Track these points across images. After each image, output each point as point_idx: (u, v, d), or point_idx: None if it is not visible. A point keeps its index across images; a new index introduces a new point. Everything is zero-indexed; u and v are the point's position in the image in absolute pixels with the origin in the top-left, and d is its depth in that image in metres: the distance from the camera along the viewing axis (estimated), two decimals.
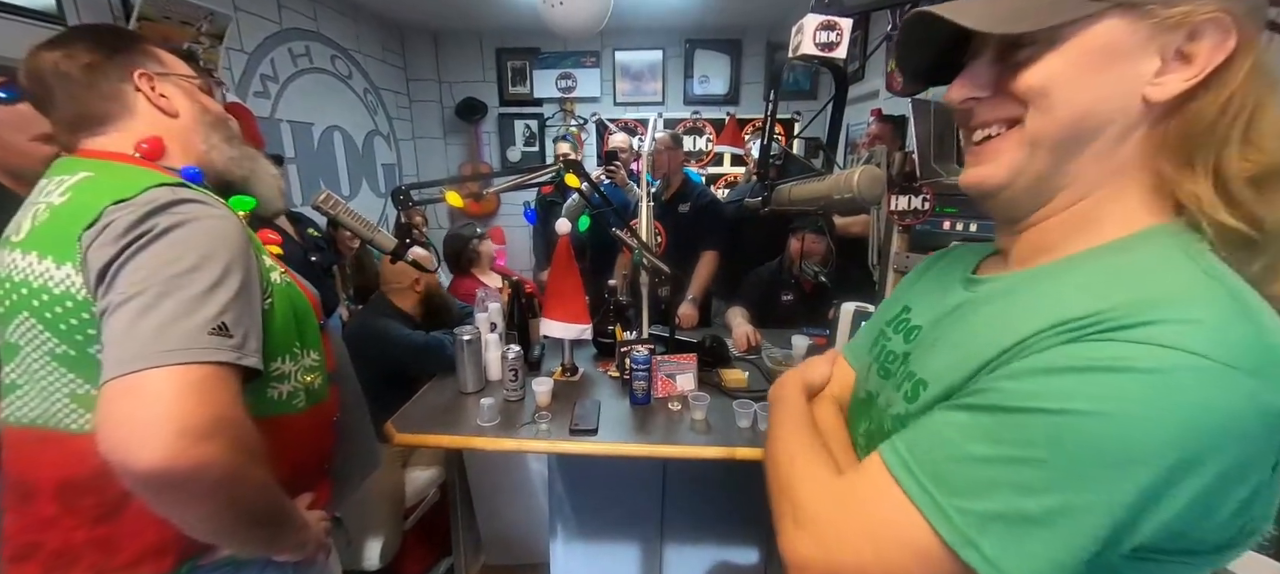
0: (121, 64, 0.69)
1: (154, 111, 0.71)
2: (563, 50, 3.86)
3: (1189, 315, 0.32)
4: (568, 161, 1.28)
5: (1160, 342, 0.31)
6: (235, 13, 2.35)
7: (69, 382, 0.61)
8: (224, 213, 0.64)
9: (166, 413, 0.51)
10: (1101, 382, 0.32)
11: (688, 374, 1.43)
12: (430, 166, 4.13)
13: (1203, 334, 0.31)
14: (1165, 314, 0.32)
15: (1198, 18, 0.35)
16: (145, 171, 0.65)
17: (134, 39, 0.73)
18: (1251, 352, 0.31)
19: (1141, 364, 0.31)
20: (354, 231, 1.08)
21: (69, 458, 0.61)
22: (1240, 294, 0.34)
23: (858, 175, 0.62)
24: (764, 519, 1.57)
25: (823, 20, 0.69)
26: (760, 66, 3.87)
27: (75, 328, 0.59)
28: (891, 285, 1.22)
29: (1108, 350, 0.32)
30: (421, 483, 1.74)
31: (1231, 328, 0.32)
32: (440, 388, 1.49)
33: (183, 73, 0.75)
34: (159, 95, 0.71)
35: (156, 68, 0.72)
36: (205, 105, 0.77)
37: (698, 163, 3.97)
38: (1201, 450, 0.30)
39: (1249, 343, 0.31)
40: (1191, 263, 0.36)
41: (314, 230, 2.20)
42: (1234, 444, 0.31)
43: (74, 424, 0.62)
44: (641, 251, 1.41)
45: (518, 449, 1.22)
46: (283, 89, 2.72)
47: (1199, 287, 0.34)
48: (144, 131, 0.70)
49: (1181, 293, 0.34)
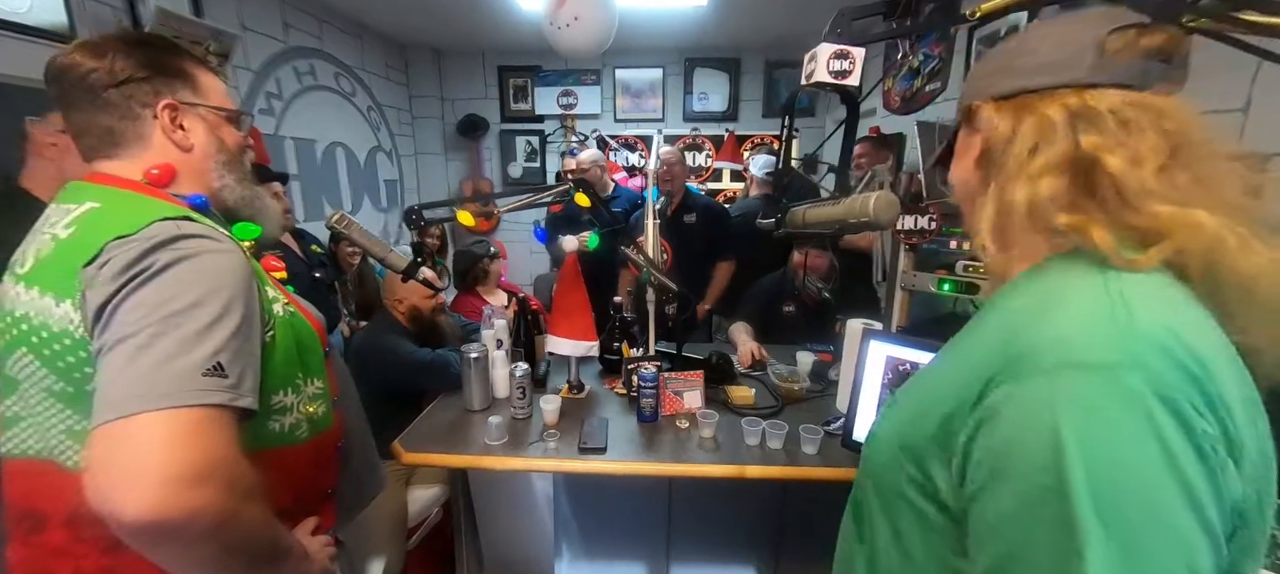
0: (151, 90, 0.67)
1: (168, 143, 0.70)
2: (564, 68, 3.91)
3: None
4: (578, 180, 1.29)
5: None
6: (242, 32, 2.37)
7: (66, 418, 0.60)
8: (228, 246, 0.63)
9: (156, 460, 0.50)
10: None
11: (695, 391, 1.44)
12: (431, 182, 4.15)
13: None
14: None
15: (971, 107, 0.52)
16: (151, 202, 0.64)
17: (175, 60, 0.71)
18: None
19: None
20: (367, 251, 1.09)
21: (73, 490, 0.59)
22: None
23: (874, 201, 0.63)
24: (770, 536, 1.57)
25: (836, 49, 0.71)
26: (758, 84, 3.93)
27: (73, 365, 0.58)
28: (898, 303, 1.23)
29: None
30: (424, 502, 1.72)
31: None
32: (446, 406, 1.48)
33: (213, 105, 0.74)
34: (176, 128, 0.70)
35: (188, 96, 0.71)
36: (224, 141, 0.75)
37: (697, 178, 4.01)
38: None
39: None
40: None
41: (317, 247, 2.20)
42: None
43: (71, 460, 0.61)
44: (649, 270, 1.42)
45: (527, 468, 1.22)
46: (287, 106, 2.74)
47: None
48: (155, 160, 0.69)
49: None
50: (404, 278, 1.15)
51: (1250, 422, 0.36)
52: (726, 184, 4.01)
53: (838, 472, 1.18)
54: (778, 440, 1.25)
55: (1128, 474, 0.32)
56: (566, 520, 1.62)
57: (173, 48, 0.72)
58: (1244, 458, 0.35)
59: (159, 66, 0.68)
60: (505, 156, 4.09)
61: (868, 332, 1.14)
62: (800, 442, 1.24)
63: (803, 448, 1.23)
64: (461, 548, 1.65)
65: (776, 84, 3.93)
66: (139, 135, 0.68)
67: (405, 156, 3.92)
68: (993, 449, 0.37)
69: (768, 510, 1.55)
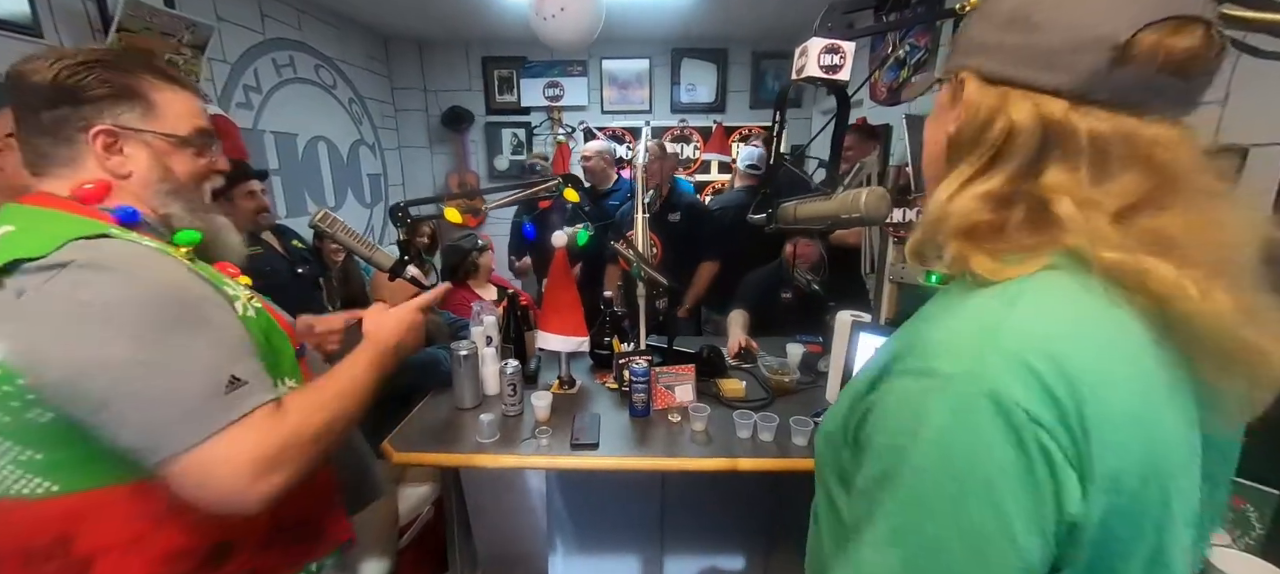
0: (89, 114, 0.63)
1: (100, 170, 0.65)
2: (550, 59, 3.86)
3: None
4: (566, 176, 1.28)
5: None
6: (217, 22, 2.31)
7: (9, 450, 0.58)
8: (151, 257, 0.60)
9: (231, 472, 0.58)
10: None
11: (686, 385, 1.44)
12: (416, 176, 4.09)
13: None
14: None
15: (958, 76, 0.45)
16: (67, 219, 0.60)
17: (130, 80, 0.66)
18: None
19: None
20: (352, 249, 1.07)
21: (25, 525, 0.59)
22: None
23: (865, 197, 0.63)
24: (762, 528, 1.59)
25: (827, 43, 0.71)
26: (746, 75, 3.92)
27: (9, 395, 0.55)
28: (887, 296, 1.24)
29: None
30: (416, 500, 1.71)
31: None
32: (436, 404, 1.47)
33: (164, 132, 0.68)
34: (113, 154, 0.65)
35: (134, 121, 0.66)
36: (171, 169, 0.69)
37: (686, 170, 4.00)
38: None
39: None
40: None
41: (298, 242, 2.16)
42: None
43: (25, 490, 0.58)
44: (639, 264, 1.42)
45: (519, 466, 1.21)
46: (266, 99, 2.67)
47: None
48: (87, 180, 0.65)
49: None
50: (391, 276, 1.13)
51: (1128, 443, 0.36)
52: (714, 176, 4.01)
53: None
54: (769, 432, 1.26)
55: (945, 468, 0.36)
56: (560, 515, 1.62)
57: (132, 65, 0.67)
58: (1095, 478, 0.35)
59: (107, 87, 0.64)
60: (491, 149, 4.05)
61: (856, 324, 1.15)
62: (791, 433, 1.25)
63: (793, 439, 1.24)
64: (454, 546, 1.64)
65: (764, 75, 3.92)
66: (71, 158, 0.65)
67: (389, 150, 3.85)
68: (867, 431, 0.42)
69: (760, 501, 1.56)
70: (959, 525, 0.35)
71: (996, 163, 0.41)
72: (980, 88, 0.42)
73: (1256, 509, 0.91)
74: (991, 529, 0.35)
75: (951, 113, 0.45)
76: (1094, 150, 0.38)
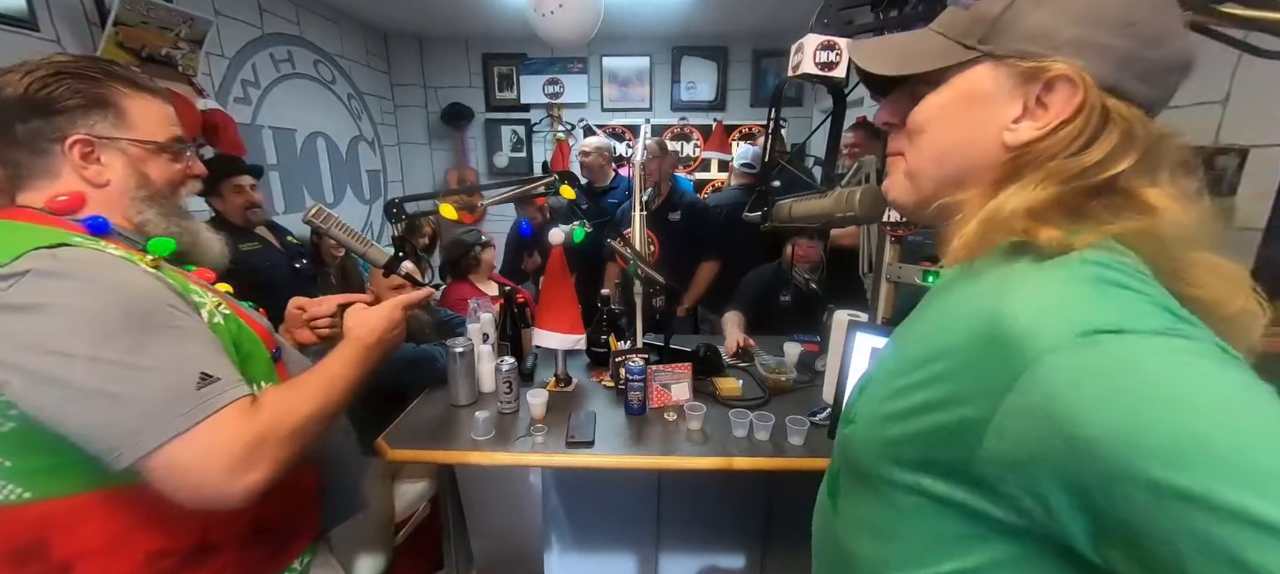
0: (62, 125, 0.63)
1: (78, 179, 0.66)
2: (550, 56, 3.85)
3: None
4: (562, 173, 1.28)
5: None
6: (215, 17, 2.30)
7: None
8: (111, 264, 0.60)
9: (213, 467, 0.58)
10: None
11: (682, 383, 1.44)
12: (415, 173, 4.08)
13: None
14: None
15: (1053, 72, 0.38)
16: (28, 230, 0.60)
17: (103, 89, 0.66)
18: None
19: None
20: (346, 246, 1.06)
21: (8, 529, 0.59)
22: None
23: (860, 195, 0.63)
24: (758, 526, 1.59)
25: (823, 40, 0.70)
26: (746, 73, 3.91)
27: None
28: (884, 295, 1.24)
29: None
30: (412, 497, 1.71)
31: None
32: (432, 401, 1.47)
33: (139, 139, 0.68)
34: (90, 163, 0.65)
35: (108, 130, 0.66)
36: (147, 176, 0.70)
37: (686, 168, 3.99)
38: None
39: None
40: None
41: (293, 237, 2.15)
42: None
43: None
44: (636, 262, 1.41)
45: (514, 464, 1.21)
46: (264, 94, 2.66)
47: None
48: (63, 191, 0.65)
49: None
50: (385, 273, 1.13)
51: None
52: (714, 174, 4.00)
53: (824, 462, 1.18)
54: (765, 431, 1.25)
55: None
56: (556, 513, 1.62)
57: (103, 74, 0.67)
58: None
59: (79, 98, 0.64)
60: (491, 146, 4.04)
61: (853, 324, 1.14)
62: (787, 432, 1.24)
63: (789, 439, 1.24)
64: (450, 543, 1.64)
65: (764, 73, 3.91)
66: (47, 170, 0.65)
67: (388, 146, 3.85)
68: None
69: (756, 500, 1.56)
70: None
71: (1100, 168, 0.38)
72: (1097, 92, 0.38)
73: None
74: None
75: (1009, 108, 0.40)
76: (1171, 158, 0.39)
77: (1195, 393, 0.29)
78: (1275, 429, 0.27)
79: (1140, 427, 0.29)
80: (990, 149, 0.41)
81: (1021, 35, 0.39)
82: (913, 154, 0.46)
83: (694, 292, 2.44)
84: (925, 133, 0.44)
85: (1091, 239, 0.37)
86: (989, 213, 0.40)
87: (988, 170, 0.42)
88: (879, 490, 0.44)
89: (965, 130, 0.42)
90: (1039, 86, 0.39)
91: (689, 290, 2.42)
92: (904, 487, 0.41)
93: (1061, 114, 0.38)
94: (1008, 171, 0.41)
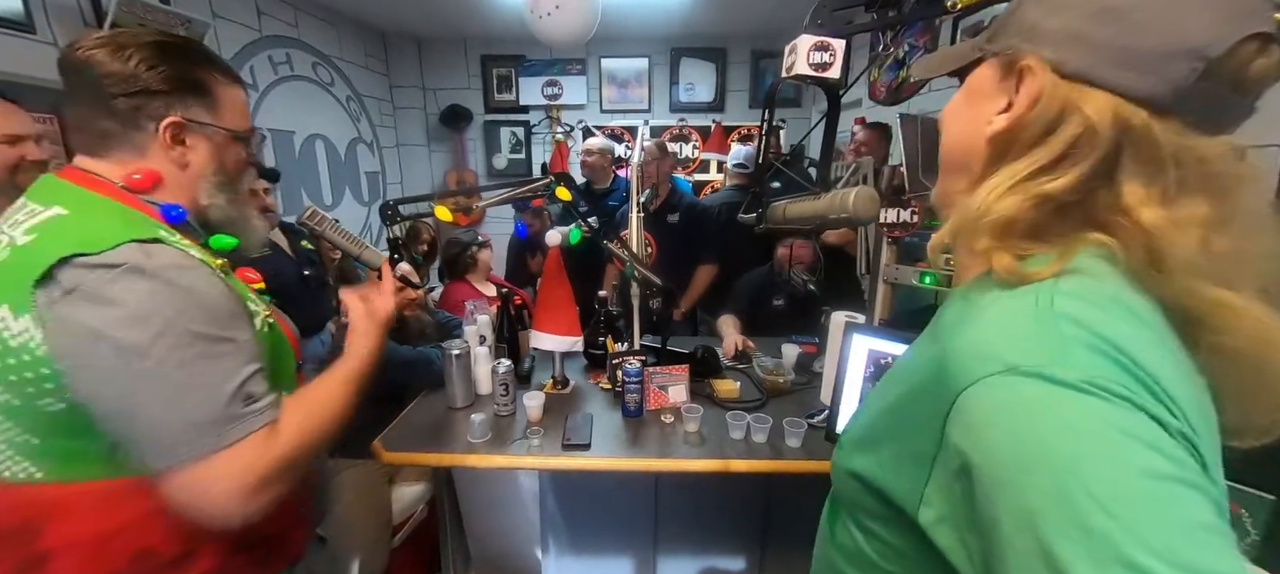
0: (163, 105, 0.64)
1: (164, 159, 0.66)
2: (549, 58, 3.85)
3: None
4: (558, 174, 1.27)
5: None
6: (213, 19, 2.30)
7: (6, 430, 0.58)
8: (200, 270, 0.61)
9: (222, 493, 0.59)
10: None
11: (680, 386, 1.43)
12: (414, 174, 4.08)
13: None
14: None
15: (1021, 63, 0.39)
16: (122, 214, 0.62)
17: (199, 72, 0.67)
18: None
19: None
20: (341, 248, 1.06)
21: (4, 504, 0.60)
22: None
23: (854, 197, 0.62)
24: (756, 529, 1.58)
25: (816, 41, 0.70)
26: (745, 74, 3.91)
27: (27, 381, 0.56)
28: (881, 297, 1.23)
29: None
30: (409, 499, 1.70)
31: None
32: (428, 403, 1.46)
33: (226, 127, 0.70)
34: (176, 145, 0.66)
35: (201, 115, 0.67)
36: (224, 163, 0.72)
37: (685, 170, 3.99)
38: None
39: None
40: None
41: (307, 242, 2.13)
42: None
43: (6, 473, 0.59)
44: (633, 264, 1.41)
45: (510, 466, 1.21)
46: (263, 97, 2.66)
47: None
48: (143, 168, 0.66)
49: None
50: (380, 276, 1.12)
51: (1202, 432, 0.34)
52: (713, 175, 3.99)
53: (822, 464, 1.18)
54: (762, 434, 1.25)
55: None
56: (553, 516, 1.61)
57: (200, 58, 0.68)
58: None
59: (180, 81, 0.65)
60: (490, 148, 4.03)
61: (850, 325, 1.14)
62: (784, 435, 1.24)
63: (787, 441, 1.23)
64: (447, 545, 1.64)
65: (763, 74, 3.91)
66: (135, 144, 0.65)
67: (387, 148, 3.84)
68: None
69: (754, 503, 1.55)
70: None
71: (1062, 165, 0.37)
72: (1053, 81, 0.37)
73: (1251, 515, 0.90)
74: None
75: (997, 101, 0.41)
76: (1177, 167, 0.35)
77: (1077, 461, 0.29)
78: (1144, 529, 0.27)
79: (1019, 486, 0.30)
80: (979, 142, 0.42)
81: (1014, 31, 0.40)
82: (941, 152, 0.48)
83: (692, 294, 2.44)
84: (944, 130, 0.47)
85: (1058, 266, 0.37)
86: (958, 215, 0.41)
87: (977, 163, 0.43)
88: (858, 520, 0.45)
89: (965, 125, 0.44)
90: (1015, 78, 0.39)
91: (687, 292, 2.41)
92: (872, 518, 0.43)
93: (1022, 105, 0.38)
94: (987, 166, 0.41)
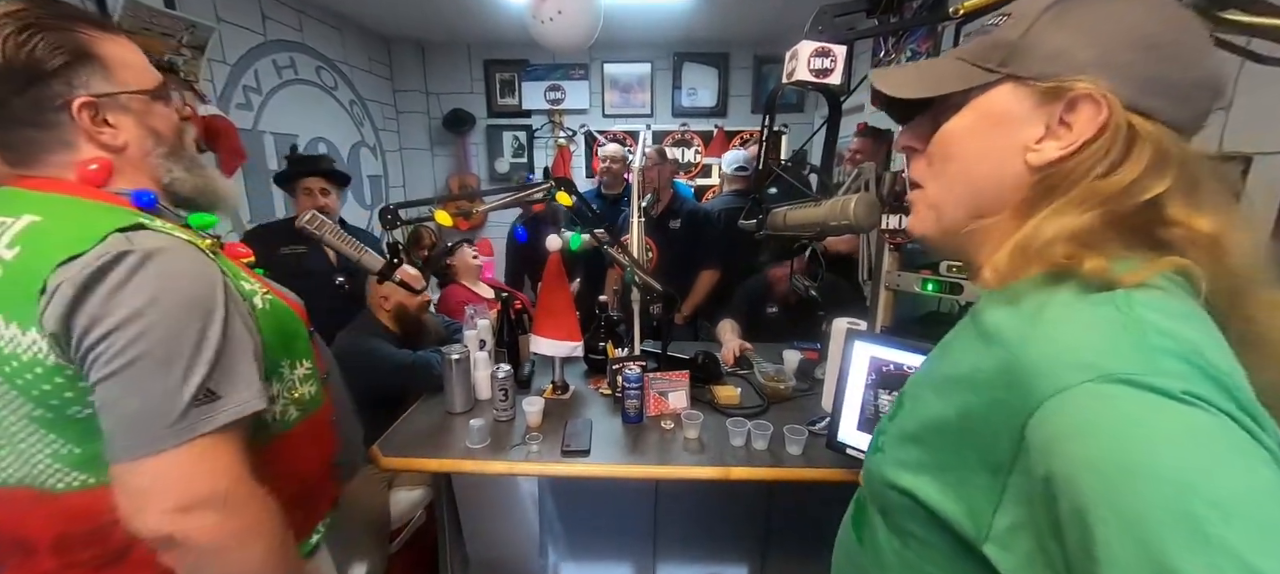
0: (58, 89, 0.57)
1: (94, 146, 0.61)
2: (551, 62, 3.86)
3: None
4: (559, 179, 1.27)
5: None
6: (217, 23, 2.31)
7: (50, 443, 0.58)
8: (187, 252, 0.59)
9: (157, 492, 0.55)
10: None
11: (680, 391, 1.42)
12: (417, 178, 4.09)
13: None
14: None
15: (1077, 92, 0.37)
16: (97, 209, 0.58)
17: (76, 34, 0.59)
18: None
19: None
20: (342, 253, 1.06)
21: (60, 516, 0.59)
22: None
23: (855, 204, 0.62)
24: (757, 536, 1.57)
25: (817, 46, 0.69)
26: (747, 79, 3.91)
27: (49, 392, 0.56)
28: (883, 303, 1.22)
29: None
30: (407, 504, 1.69)
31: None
32: (427, 408, 1.46)
33: (134, 90, 0.63)
34: (100, 126, 0.61)
35: (101, 84, 0.60)
36: (157, 130, 0.66)
37: (686, 174, 3.99)
38: None
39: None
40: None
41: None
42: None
43: (59, 484, 0.59)
44: (633, 269, 1.40)
45: (509, 472, 1.20)
46: (266, 101, 2.67)
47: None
48: (88, 160, 0.61)
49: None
50: (380, 279, 1.12)
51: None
52: (715, 180, 4.00)
53: (822, 472, 1.17)
54: (763, 441, 1.24)
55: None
56: (552, 522, 1.60)
57: (69, 17, 0.59)
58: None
59: (62, 53, 0.57)
60: (492, 152, 4.04)
61: (852, 332, 1.13)
62: (785, 442, 1.23)
63: (787, 448, 1.22)
64: (446, 551, 1.63)
65: (766, 79, 3.91)
66: (61, 142, 0.59)
67: (390, 152, 3.86)
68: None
69: (754, 510, 1.54)
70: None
71: (1133, 189, 0.37)
72: (1119, 109, 0.37)
73: None
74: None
75: (1032, 128, 0.40)
76: (1209, 180, 0.38)
77: (1189, 471, 0.28)
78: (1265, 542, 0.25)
79: (1123, 493, 0.28)
80: (1014, 171, 0.41)
81: (1042, 57, 0.39)
82: (935, 183, 0.46)
83: (693, 299, 2.43)
84: (950, 158, 0.44)
85: (1144, 275, 0.36)
86: (1023, 238, 0.39)
87: (1013, 193, 0.41)
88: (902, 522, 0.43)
89: (988, 153, 0.42)
90: (1061, 106, 0.38)
91: (688, 298, 2.41)
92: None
93: (1084, 133, 0.37)
94: (1036, 194, 0.40)
